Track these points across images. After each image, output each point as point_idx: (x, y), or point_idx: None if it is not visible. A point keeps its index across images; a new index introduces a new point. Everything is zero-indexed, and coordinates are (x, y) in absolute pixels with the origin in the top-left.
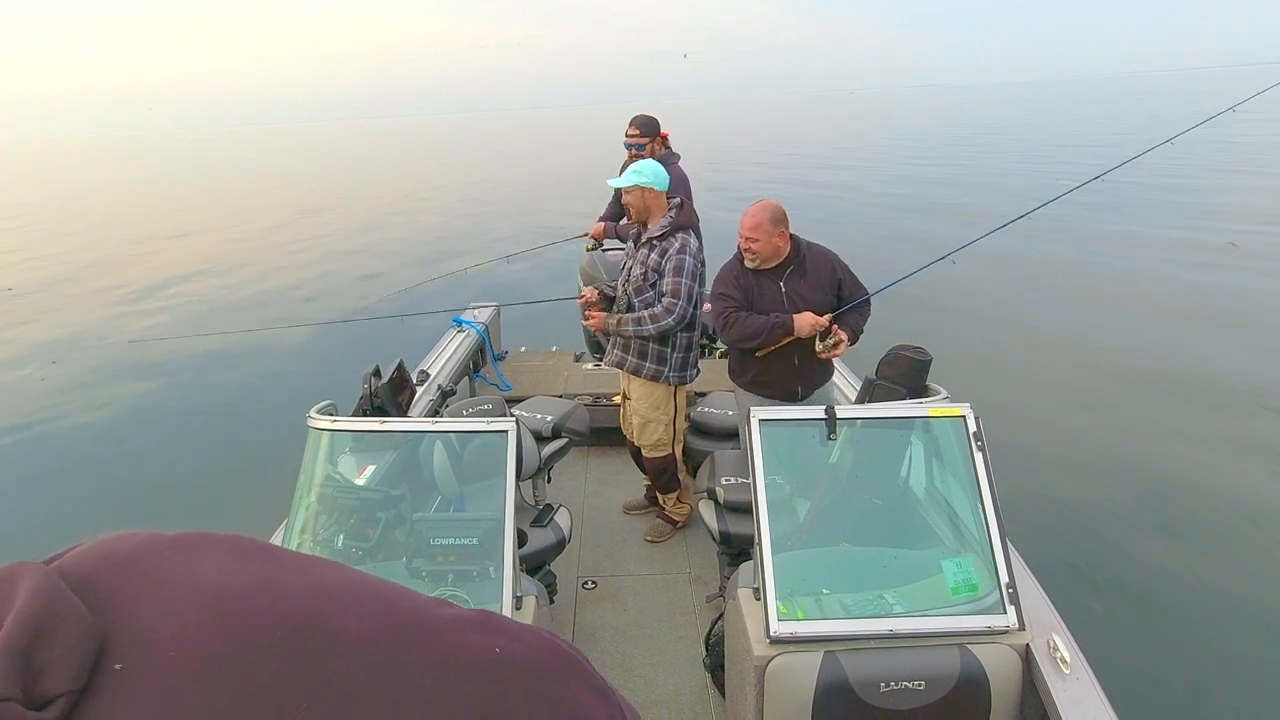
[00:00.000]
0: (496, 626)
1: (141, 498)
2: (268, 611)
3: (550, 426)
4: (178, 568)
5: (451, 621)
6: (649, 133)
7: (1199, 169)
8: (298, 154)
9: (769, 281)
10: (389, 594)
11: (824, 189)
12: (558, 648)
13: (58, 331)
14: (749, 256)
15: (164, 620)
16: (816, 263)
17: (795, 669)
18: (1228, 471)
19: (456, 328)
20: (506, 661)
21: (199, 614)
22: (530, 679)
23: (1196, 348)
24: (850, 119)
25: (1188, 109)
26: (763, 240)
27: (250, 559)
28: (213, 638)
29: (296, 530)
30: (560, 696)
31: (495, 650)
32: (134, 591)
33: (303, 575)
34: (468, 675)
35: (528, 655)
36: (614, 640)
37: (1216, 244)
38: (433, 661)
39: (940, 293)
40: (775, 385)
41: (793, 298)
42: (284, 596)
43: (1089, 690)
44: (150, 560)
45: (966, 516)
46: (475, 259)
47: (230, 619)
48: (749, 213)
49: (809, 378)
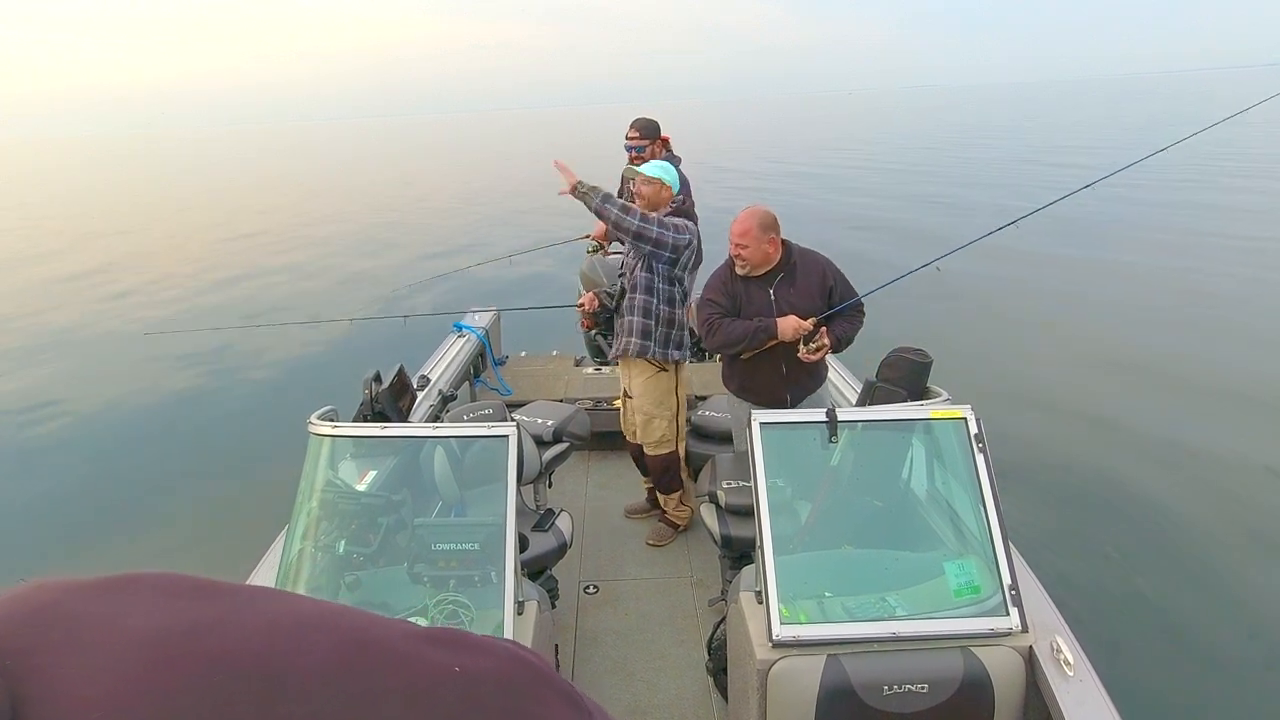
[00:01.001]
0: (459, 642)
1: (139, 506)
2: (206, 656)
3: (551, 431)
4: (99, 617)
5: (412, 641)
6: (649, 135)
7: (1197, 169)
8: (296, 154)
9: (758, 289)
10: (342, 621)
11: (819, 187)
12: (523, 659)
13: (58, 326)
14: (739, 263)
15: (86, 680)
16: (808, 269)
17: (798, 672)
18: (1232, 472)
19: (457, 333)
20: (472, 678)
21: (126, 668)
22: (497, 693)
23: (1199, 348)
24: (849, 119)
25: (1189, 111)
26: (752, 247)
27: (183, 599)
28: (145, 694)
29: (298, 536)
30: (529, 710)
31: (456, 669)
32: (50, 650)
33: (244, 612)
34: (434, 696)
35: (494, 669)
36: (615, 645)
37: (1216, 242)
38: (396, 687)
39: (941, 295)
40: (763, 392)
41: (781, 305)
42: (224, 638)
43: (1093, 692)
44: (67, 612)
45: (968, 518)
46: (477, 258)
47: (163, 669)
48: (739, 219)
49: (797, 386)
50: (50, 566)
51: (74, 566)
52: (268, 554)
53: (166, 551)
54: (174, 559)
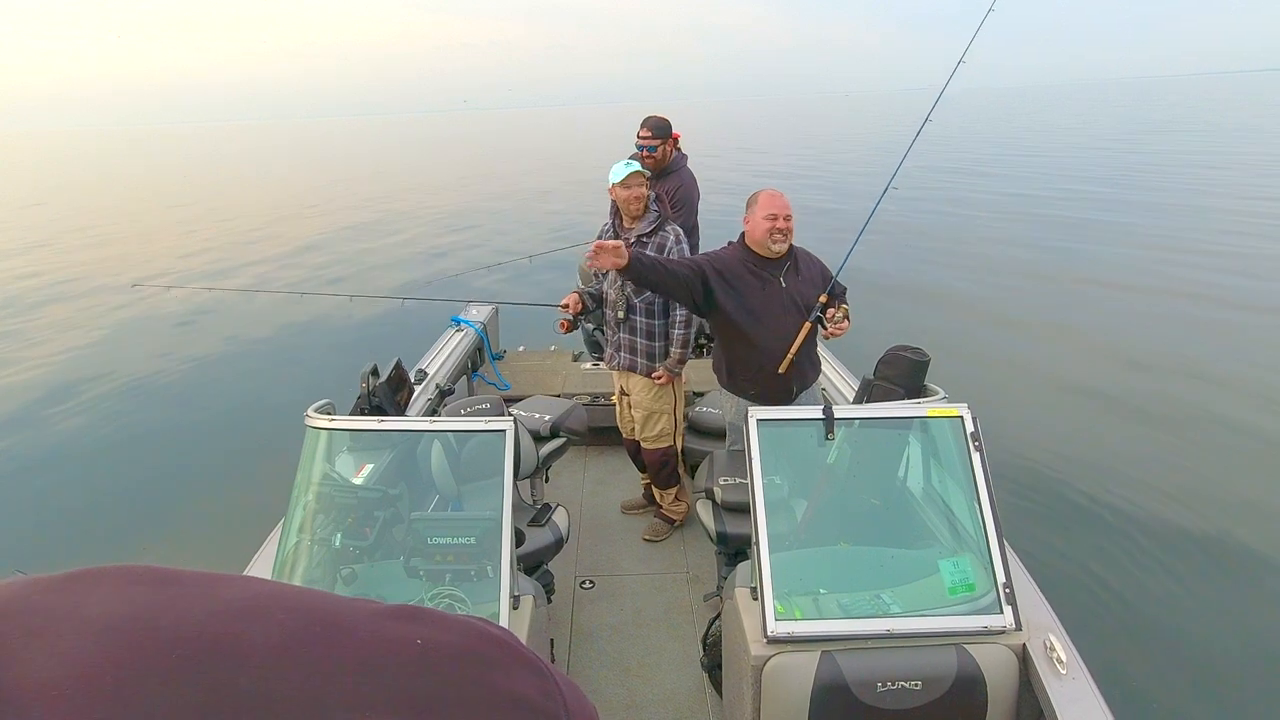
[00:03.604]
0: (419, 616)
1: (134, 496)
2: (161, 637)
3: (548, 426)
4: (57, 608)
5: (369, 616)
6: (661, 134)
7: (1194, 168)
8: (295, 151)
9: (770, 277)
10: (301, 600)
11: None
12: (486, 632)
13: (54, 324)
14: (778, 238)
15: (47, 667)
16: (808, 261)
17: (792, 669)
18: (1227, 471)
19: (455, 327)
20: (431, 649)
21: (85, 653)
22: (458, 664)
23: (1195, 345)
24: (850, 119)
25: (1146, 113)
26: (791, 223)
27: (141, 586)
28: (104, 676)
29: (294, 529)
30: (491, 679)
31: (417, 641)
32: (8, 643)
33: (201, 595)
34: (391, 668)
35: (455, 642)
36: (611, 640)
37: (1215, 240)
38: (351, 659)
39: (938, 293)
40: (758, 384)
41: (793, 295)
42: (180, 620)
43: (1085, 690)
44: (26, 606)
45: (964, 516)
46: (478, 260)
47: (121, 652)
48: (775, 195)
49: (796, 378)
50: (42, 560)
51: (64, 560)
52: (264, 547)
53: (161, 544)
54: (169, 552)
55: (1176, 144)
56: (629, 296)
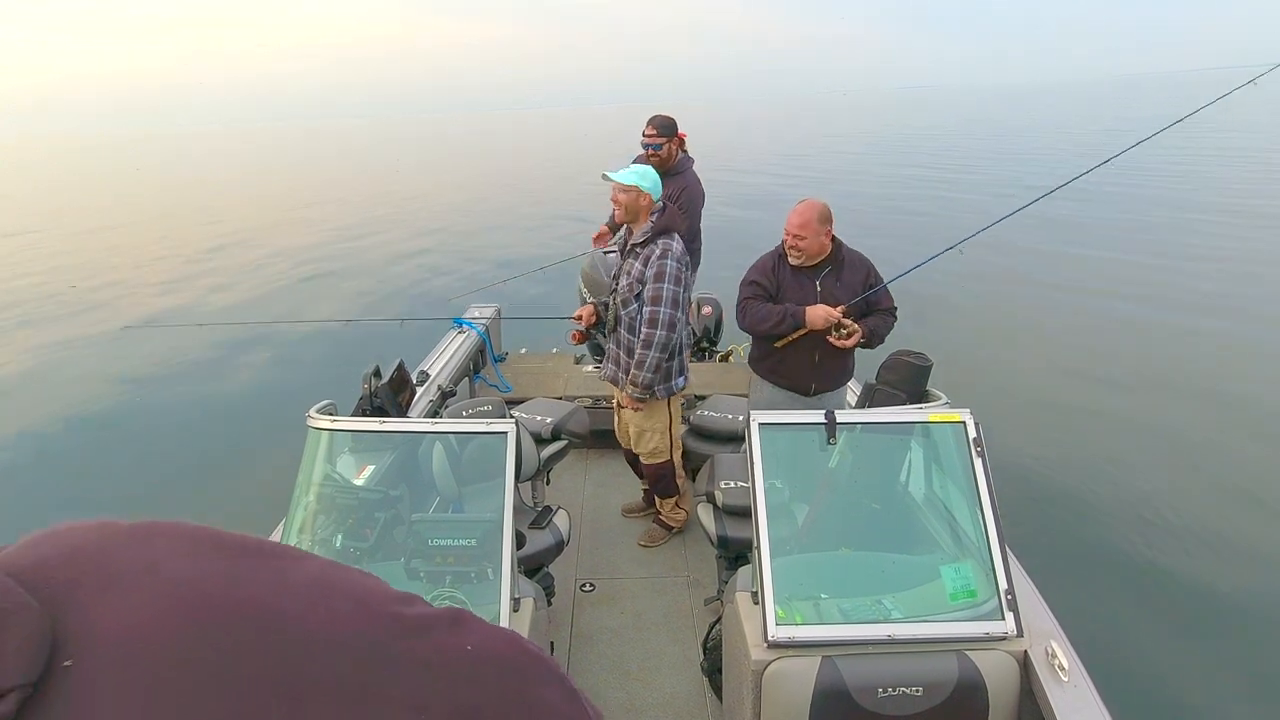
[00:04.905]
0: (468, 623)
1: (135, 496)
2: (236, 608)
3: (550, 428)
4: (135, 559)
5: (429, 619)
6: (666, 133)
7: (1190, 167)
8: (294, 153)
9: (806, 279)
10: (362, 590)
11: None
12: (526, 647)
13: (52, 321)
14: (794, 254)
15: (120, 614)
16: (854, 266)
17: (793, 674)
18: (1233, 478)
19: (457, 329)
20: (481, 658)
21: (158, 609)
22: (503, 676)
23: (1197, 350)
24: (848, 119)
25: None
26: (810, 239)
27: (217, 550)
28: (175, 635)
29: (295, 529)
30: (534, 694)
31: (468, 648)
32: (88, 585)
33: (269, 569)
34: (447, 672)
35: (501, 652)
36: (611, 643)
37: (1215, 241)
38: (414, 658)
39: (942, 298)
40: (791, 377)
41: (825, 297)
42: (254, 593)
43: (1087, 698)
44: (105, 551)
45: (966, 522)
46: (480, 260)
47: (194, 614)
48: (797, 211)
49: (825, 377)
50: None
51: None
52: None
53: None
54: None
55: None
56: (617, 308)
